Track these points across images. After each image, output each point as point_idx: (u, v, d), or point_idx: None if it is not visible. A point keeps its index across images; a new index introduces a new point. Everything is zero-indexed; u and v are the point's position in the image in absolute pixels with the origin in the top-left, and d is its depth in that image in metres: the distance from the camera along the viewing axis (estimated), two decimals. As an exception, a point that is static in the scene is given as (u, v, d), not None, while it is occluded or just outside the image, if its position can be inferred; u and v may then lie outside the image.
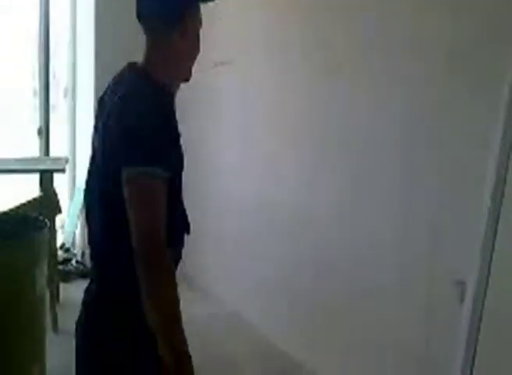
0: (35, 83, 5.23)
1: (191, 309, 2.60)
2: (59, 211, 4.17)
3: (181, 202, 1.80)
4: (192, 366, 1.58)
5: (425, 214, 2.72)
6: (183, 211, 1.83)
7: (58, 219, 4.79)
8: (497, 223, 2.30)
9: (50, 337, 3.33)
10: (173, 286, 1.58)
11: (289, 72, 3.65)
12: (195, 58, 1.84)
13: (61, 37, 5.34)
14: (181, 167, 1.75)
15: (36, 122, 5.16)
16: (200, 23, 1.82)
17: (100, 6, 4.78)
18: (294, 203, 3.67)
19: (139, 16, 1.77)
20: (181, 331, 1.57)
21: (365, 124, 3.09)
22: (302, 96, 3.58)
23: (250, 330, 3.99)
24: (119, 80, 1.81)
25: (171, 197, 1.63)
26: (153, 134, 1.59)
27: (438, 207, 2.65)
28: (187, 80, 1.84)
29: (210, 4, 1.82)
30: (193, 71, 1.83)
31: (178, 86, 1.86)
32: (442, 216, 2.63)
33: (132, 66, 1.81)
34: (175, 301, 1.58)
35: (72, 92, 5.36)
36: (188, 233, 1.85)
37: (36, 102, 5.21)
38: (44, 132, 5.08)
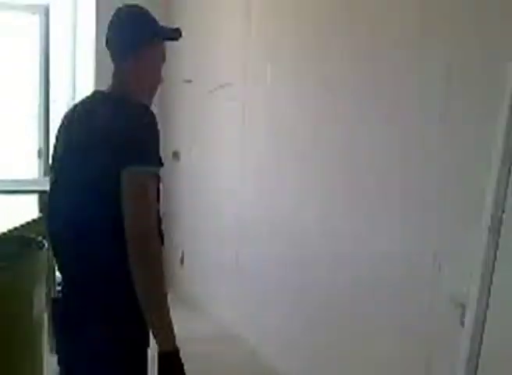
0: (35, 105, 5.25)
1: (192, 331, 2.59)
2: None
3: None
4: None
5: (426, 237, 2.72)
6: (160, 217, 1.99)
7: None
8: (496, 245, 2.31)
9: (48, 359, 3.31)
10: (162, 267, 1.82)
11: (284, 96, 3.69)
12: (155, 87, 2.11)
13: (61, 60, 5.38)
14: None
15: (36, 143, 5.18)
16: (161, 57, 2.10)
17: (100, 31, 4.83)
18: (293, 225, 3.68)
19: (106, 45, 2.07)
20: (168, 310, 1.81)
21: (364, 145, 3.11)
22: (297, 121, 3.60)
23: (250, 353, 3.98)
24: (95, 104, 2.03)
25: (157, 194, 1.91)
26: (150, 141, 1.86)
27: (438, 230, 2.65)
28: (150, 97, 2.10)
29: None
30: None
31: (150, 101, 2.10)
32: (442, 238, 2.63)
33: (103, 92, 2.07)
34: (163, 282, 1.82)
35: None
36: (162, 242, 1.95)
37: (36, 124, 5.23)
38: (44, 153, 5.10)
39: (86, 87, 5.09)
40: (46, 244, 3.52)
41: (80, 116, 2.02)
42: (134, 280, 1.80)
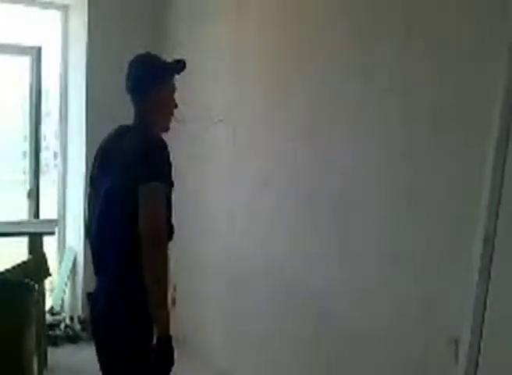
0: (25, 146, 5.26)
1: (181, 370, 2.56)
2: (48, 274, 4.13)
3: (170, 212, 2.50)
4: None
5: (418, 274, 2.71)
6: (171, 224, 2.54)
7: (47, 282, 4.75)
8: (488, 282, 2.31)
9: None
10: (167, 261, 2.31)
11: (278, 130, 3.72)
12: (171, 114, 2.64)
13: (52, 100, 5.41)
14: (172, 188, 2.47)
15: (26, 184, 5.17)
16: (172, 89, 2.62)
17: (91, 71, 4.88)
18: (287, 265, 3.66)
19: (127, 91, 2.58)
20: (168, 313, 2.31)
21: (349, 176, 3.12)
22: (289, 153, 3.62)
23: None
24: (121, 134, 2.58)
25: (167, 207, 2.41)
26: (161, 165, 2.37)
27: (430, 266, 2.65)
28: (167, 130, 2.64)
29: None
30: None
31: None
32: (434, 276, 2.62)
33: (128, 126, 2.61)
34: (167, 273, 2.31)
35: (62, 154, 5.40)
36: (170, 239, 2.51)
37: (26, 164, 5.23)
38: (34, 195, 5.07)
39: (76, 127, 5.11)
40: (36, 287, 3.49)
41: (111, 145, 2.57)
42: (144, 272, 2.27)
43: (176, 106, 2.63)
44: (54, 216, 5.43)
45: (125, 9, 4.97)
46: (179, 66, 2.60)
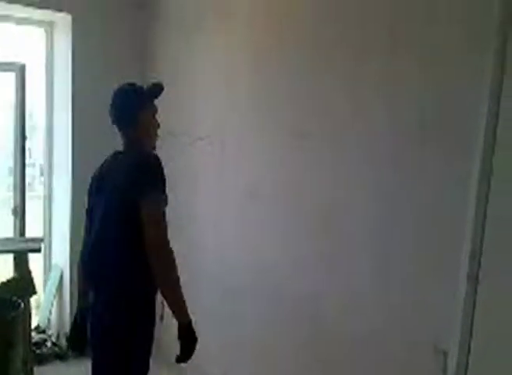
0: (10, 162, 5.22)
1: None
2: (34, 292, 4.09)
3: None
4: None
5: (406, 286, 2.72)
6: None
7: (33, 299, 4.70)
8: (475, 293, 2.32)
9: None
10: (176, 267, 2.61)
11: (264, 151, 3.72)
12: (156, 134, 2.92)
13: (37, 115, 5.39)
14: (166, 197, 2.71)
15: (11, 201, 5.13)
16: (154, 111, 2.90)
17: (76, 88, 4.88)
18: (273, 279, 3.65)
19: (112, 122, 2.86)
20: (184, 301, 2.64)
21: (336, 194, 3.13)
22: (277, 162, 3.63)
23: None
24: (115, 159, 2.87)
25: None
26: (157, 180, 2.64)
27: (418, 278, 2.65)
28: (154, 148, 2.91)
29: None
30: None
31: None
32: (422, 287, 2.63)
33: (120, 151, 2.89)
34: (178, 278, 2.62)
35: (48, 171, 5.38)
36: None
37: (11, 182, 5.19)
38: (20, 212, 5.03)
39: (63, 143, 5.10)
40: (21, 305, 3.46)
41: (107, 168, 2.86)
42: (155, 277, 2.59)
43: (158, 126, 2.92)
44: (40, 232, 5.39)
45: (110, 26, 4.97)
46: (157, 89, 2.90)
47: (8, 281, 3.89)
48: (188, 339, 2.65)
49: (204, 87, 4.37)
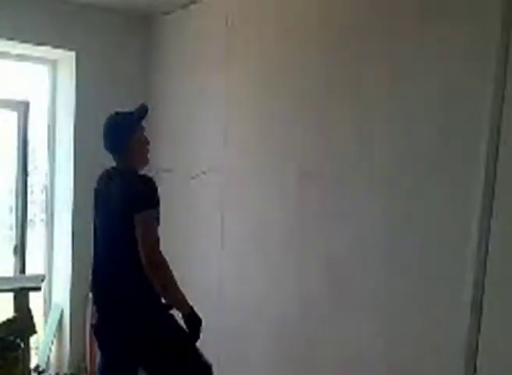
0: (12, 201, 5.20)
1: None
2: (34, 331, 4.03)
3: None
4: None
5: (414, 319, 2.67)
6: None
7: (33, 339, 4.63)
8: (479, 324, 2.30)
9: None
10: (172, 274, 2.86)
11: (267, 183, 3.71)
12: (147, 151, 3.18)
13: (39, 153, 5.39)
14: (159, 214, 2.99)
15: (12, 239, 5.09)
16: (142, 131, 3.14)
17: (79, 125, 4.89)
18: (272, 312, 3.61)
19: (105, 148, 3.11)
20: (183, 295, 2.92)
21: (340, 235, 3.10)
22: (278, 203, 3.60)
23: None
24: (112, 176, 3.13)
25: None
26: (150, 195, 2.91)
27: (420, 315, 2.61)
28: (147, 162, 3.21)
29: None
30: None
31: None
32: (426, 319, 2.59)
33: (116, 168, 3.15)
34: (176, 281, 2.87)
35: (49, 209, 5.35)
36: None
37: (12, 220, 5.16)
38: (20, 250, 4.99)
39: (64, 180, 5.08)
40: (21, 345, 3.41)
41: (104, 187, 3.13)
42: (152, 281, 2.82)
43: (148, 143, 3.19)
44: (40, 270, 5.34)
45: (112, 63, 5.01)
46: (143, 111, 3.14)
47: (8, 320, 3.83)
48: (194, 323, 2.94)
49: (204, 122, 4.37)
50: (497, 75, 2.29)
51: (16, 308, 4.12)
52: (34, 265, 5.40)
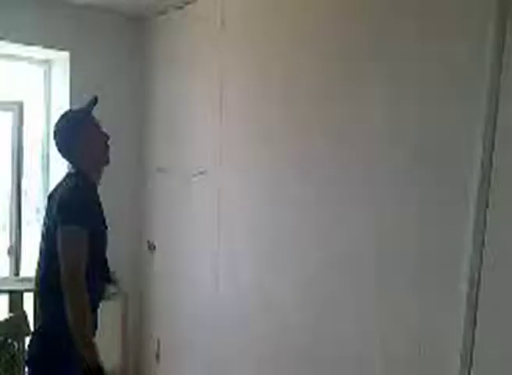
0: (6, 202, 5.17)
1: None
2: (28, 333, 4.00)
3: (103, 255, 2.76)
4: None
5: (406, 321, 2.66)
6: (105, 262, 2.79)
7: (27, 340, 4.61)
8: (473, 336, 2.29)
9: None
10: (85, 305, 2.46)
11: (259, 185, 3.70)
12: (105, 145, 2.83)
13: (34, 154, 5.37)
14: (100, 229, 2.72)
15: (6, 241, 5.07)
16: (94, 128, 2.83)
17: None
18: (269, 319, 3.60)
19: (57, 150, 2.86)
20: (91, 343, 2.48)
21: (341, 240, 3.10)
22: (270, 206, 3.59)
23: None
24: (61, 183, 2.80)
25: (93, 248, 2.59)
26: (77, 209, 2.57)
27: (418, 316, 2.60)
28: (107, 162, 2.86)
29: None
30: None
31: (99, 174, 2.87)
32: (423, 324, 2.57)
33: (69, 174, 2.84)
34: (85, 318, 2.45)
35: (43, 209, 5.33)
36: (109, 281, 2.85)
37: (6, 221, 5.14)
38: (15, 251, 4.97)
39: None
40: (15, 346, 3.39)
41: (53, 192, 2.81)
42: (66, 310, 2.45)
43: (107, 139, 2.85)
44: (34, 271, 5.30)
45: (106, 64, 5.00)
46: (90, 104, 2.84)
47: (2, 321, 3.81)
48: None
49: (200, 122, 4.37)
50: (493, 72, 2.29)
51: (11, 310, 4.10)
52: (29, 266, 5.38)
